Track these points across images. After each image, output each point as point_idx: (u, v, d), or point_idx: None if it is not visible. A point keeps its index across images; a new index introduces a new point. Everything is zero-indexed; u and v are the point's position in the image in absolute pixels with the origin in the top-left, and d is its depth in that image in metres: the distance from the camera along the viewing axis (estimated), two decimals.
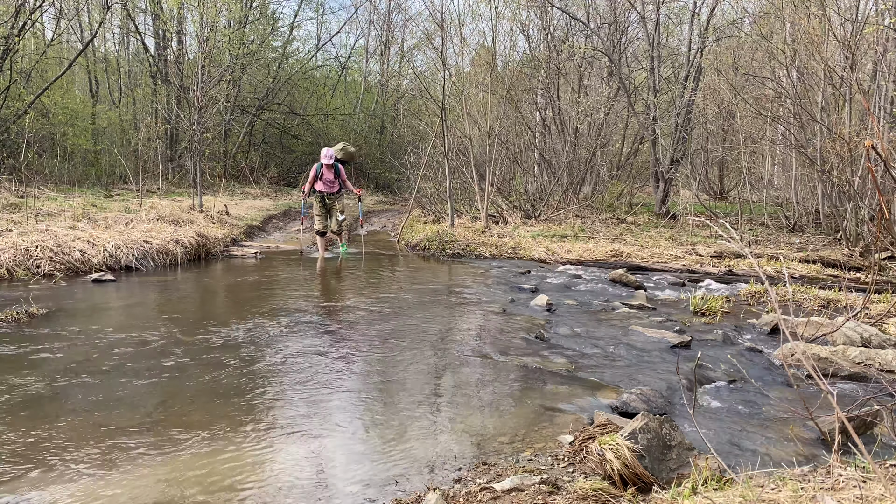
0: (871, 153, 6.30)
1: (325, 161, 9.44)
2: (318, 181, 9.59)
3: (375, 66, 31.32)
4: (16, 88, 13.93)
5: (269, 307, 6.11)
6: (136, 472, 2.77)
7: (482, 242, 10.83)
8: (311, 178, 9.60)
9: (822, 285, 7.59)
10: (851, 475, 2.39)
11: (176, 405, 3.55)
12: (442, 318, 6.12)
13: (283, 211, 15.93)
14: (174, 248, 8.68)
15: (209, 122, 14.86)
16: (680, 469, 2.71)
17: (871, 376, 4.22)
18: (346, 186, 9.78)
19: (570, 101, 16.05)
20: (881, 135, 8.51)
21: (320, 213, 9.65)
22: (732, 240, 10.14)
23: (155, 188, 15.56)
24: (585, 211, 14.77)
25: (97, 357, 4.34)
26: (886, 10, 10.04)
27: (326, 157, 9.44)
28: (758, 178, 17.50)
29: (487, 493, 2.56)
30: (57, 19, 17.67)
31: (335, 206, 9.72)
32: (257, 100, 22.97)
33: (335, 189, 9.67)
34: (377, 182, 26.44)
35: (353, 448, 3.08)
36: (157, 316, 5.69)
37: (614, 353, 4.82)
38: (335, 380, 4.05)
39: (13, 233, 7.89)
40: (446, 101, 17.74)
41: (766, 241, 11.50)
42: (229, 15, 19.43)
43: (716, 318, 6.07)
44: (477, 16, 20.03)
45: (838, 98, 10.77)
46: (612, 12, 15.98)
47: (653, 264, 9.33)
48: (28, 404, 3.48)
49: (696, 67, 14.95)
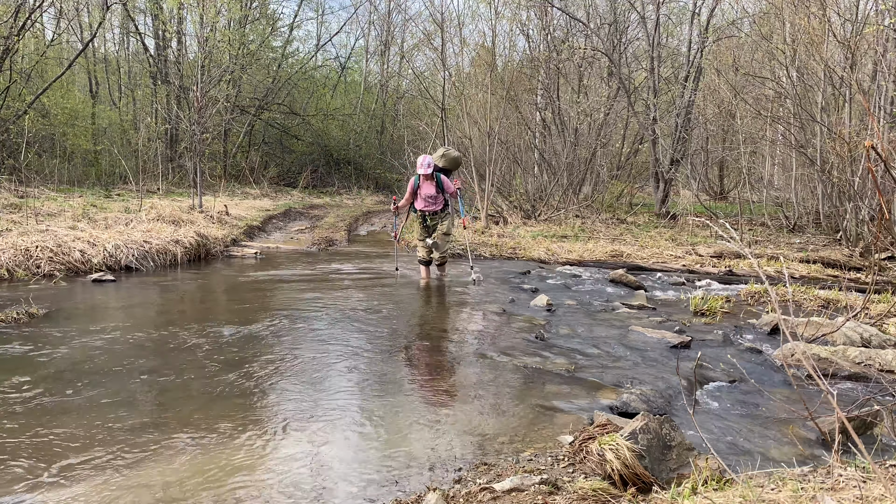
0: (871, 153, 6.30)
1: (423, 171, 7.33)
2: (416, 197, 7.60)
3: (375, 67, 31.32)
4: (16, 88, 13.94)
5: (268, 307, 6.11)
6: (136, 472, 2.77)
7: (482, 242, 10.82)
8: (409, 194, 7.61)
9: (822, 285, 7.59)
10: (851, 475, 2.39)
11: (176, 405, 3.55)
12: (442, 318, 6.12)
13: (283, 211, 15.92)
14: (174, 248, 8.68)
15: (209, 122, 14.85)
16: (680, 469, 2.71)
17: (871, 376, 4.22)
18: (454, 200, 7.76)
19: (570, 101, 16.05)
20: (881, 135, 8.51)
21: (422, 237, 7.67)
22: (732, 240, 10.15)
23: (155, 188, 15.56)
24: (585, 211, 14.78)
25: (97, 357, 4.34)
26: (886, 10, 10.04)
27: (424, 167, 7.32)
28: (758, 178, 17.51)
29: (487, 493, 2.56)
30: (57, 19, 17.69)
31: (439, 227, 7.61)
32: (257, 100, 22.97)
33: (439, 206, 7.57)
34: (377, 182, 26.45)
35: (353, 448, 3.08)
36: (157, 316, 5.69)
37: (614, 354, 4.82)
38: (335, 380, 4.05)
39: (13, 233, 7.88)
40: (446, 101, 17.79)
41: (766, 241, 11.50)
42: (229, 15, 19.43)
43: (716, 319, 6.07)
44: (477, 16, 20.06)
45: (838, 98, 10.77)
46: (612, 12, 15.99)
47: (653, 264, 9.33)
48: (28, 404, 3.48)
49: (696, 67, 14.96)
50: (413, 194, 7.58)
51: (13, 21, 12.67)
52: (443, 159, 7.74)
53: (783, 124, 13.09)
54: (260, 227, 12.86)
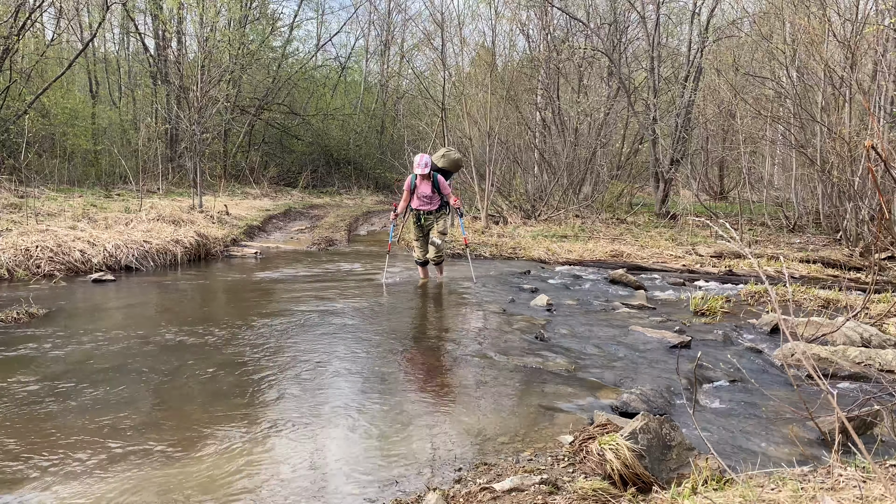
0: (871, 153, 6.30)
1: (419, 171, 7.30)
2: (413, 196, 7.60)
3: (375, 66, 31.34)
4: (16, 88, 13.93)
5: (269, 307, 6.11)
6: (136, 472, 2.77)
7: (482, 242, 10.82)
8: (406, 194, 7.59)
9: (822, 285, 7.59)
10: (851, 475, 2.39)
11: (176, 405, 3.55)
12: (442, 318, 6.13)
13: (284, 211, 15.92)
14: (174, 248, 8.68)
15: (209, 122, 14.86)
16: (680, 469, 2.71)
17: (871, 376, 4.22)
18: (449, 202, 7.66)
19: (570, 101, 16.06)
20: (881, 135, 8.51)
21: (417, 236, 7.70)
22: (732, 240, 10.15)
23: (155, 188, 15.56)
24: (585, 211, 14.78)
25: (97, 357, 4.34)
26: (886, 10, 10.03)
27: (420, 166, 7.30)
28: (758, 178, 17.50)
29: (487, 493, 2.56)
30: (57, 19, 17.69)
31: (434, 227, 7.59)
32: (257, 100, 22.97)
33: (435, 206, 7.56)
34: (377, 182, 26.45)
35: (353, 448, 3.08)
36: (157, 316, 5.69)
37: (614, 354, 4.82)
38: (335, 380, 4.05)
39: (13, 233, 7.88)
40: (446, 101, 17.78)
41: (766, 241, 11.50)
42: (229, 15, 19.43)
43: (716, 318, 6.07)
44: (477, 16, 20.10)
45: (838, 98, 10.76)
46: (612, 12, 15.98)
47: (653, 264, 9.33)
48: (28, 404, 3.48)
49: (696, 67, 14.96)
50: (409, 194, 7.56)
51: (13, 21, 12.67)
52: (443, 159, 7.69)
53: (783, 124, 13.09)
54: (260, 227, 12.86)
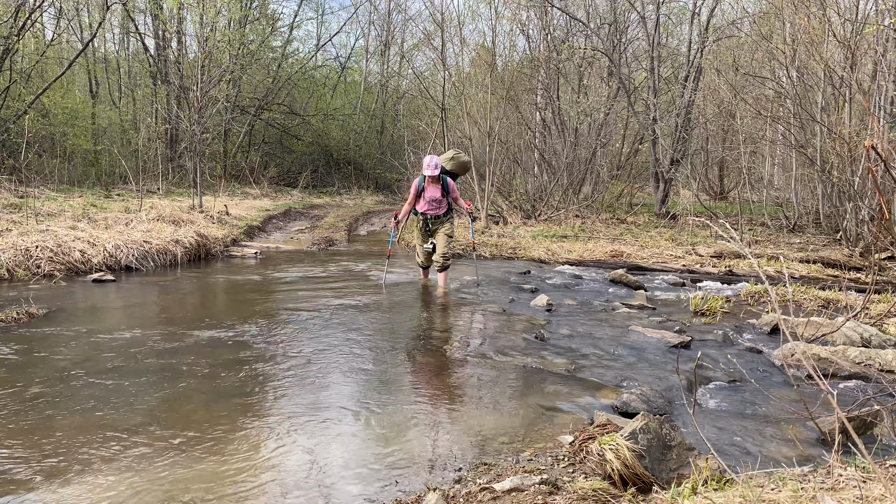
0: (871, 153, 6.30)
1: (429, 172, 7.02)
2: (419, 199, 7.28)
3: (375, 67, 31.34)
4: (16, 88, 13.93)
5: (268, 307, 6.11)
6: (136, 473, 2.77)
7: (482, 242, 10.82)
8: (412, 197, 7.28)
9: (822, 285, 7.59)
10: (851, 475, 2.39)
11: (176, 405, 3.55)
12: (442, 318, 6.13)
13: (283, 211, 15.93)
14: (174, 248, 8.68)
15: (209, 122, 14.84)
16: (680, 469, 2.71)
17: (871, 376, 4.22)
18: (456, 206, 7.45)
19: (569, 101, 16.05)
20: (881, 135, 8.51)
21: (422, 242, 7.43)
22: (732, 240, 10.15)
23: (155, 188, 15.56)
24: (585, 211, 14.78)
25: (97, 357, 4.34)
26: (886, 10, 10.03)
27: (430, 168, 7.02)
28: (758, 178, 17.49)
29: (487, 493, 2.56)
30: (57, 19, 17.69)
31: (442, 228, 7.31)
32: (257, 100, 22.97)
33: (443, 210, 7.30)
34: (377, 182, 26.47)
35: (352, 448, 3.08)
36: (157, 316, 5.69)
37: (614, 354, 4.82)
38: (334, 379, 4.05)
39: (13, 233, 7.88)
40: (446, 101, 17.78)
41: (766, 241, 11.50)
42: (229, 15, 19.43)
43: (716, 318, 6.07)
44: (477, 16, 20.03)
45: (838, 98, 10.76)
46: (612, 12, 15.98)
47: (653, 264, 9.33)
48: (28, 404, 3.48)
49: (696, 67, 14.95)
50: (416, 196, 7.26)
51: (13, 21, 12.67)
52: (452, 162, 7.49)
53: (783, 124, 13.09)
54: (260, 227, 12.86)
